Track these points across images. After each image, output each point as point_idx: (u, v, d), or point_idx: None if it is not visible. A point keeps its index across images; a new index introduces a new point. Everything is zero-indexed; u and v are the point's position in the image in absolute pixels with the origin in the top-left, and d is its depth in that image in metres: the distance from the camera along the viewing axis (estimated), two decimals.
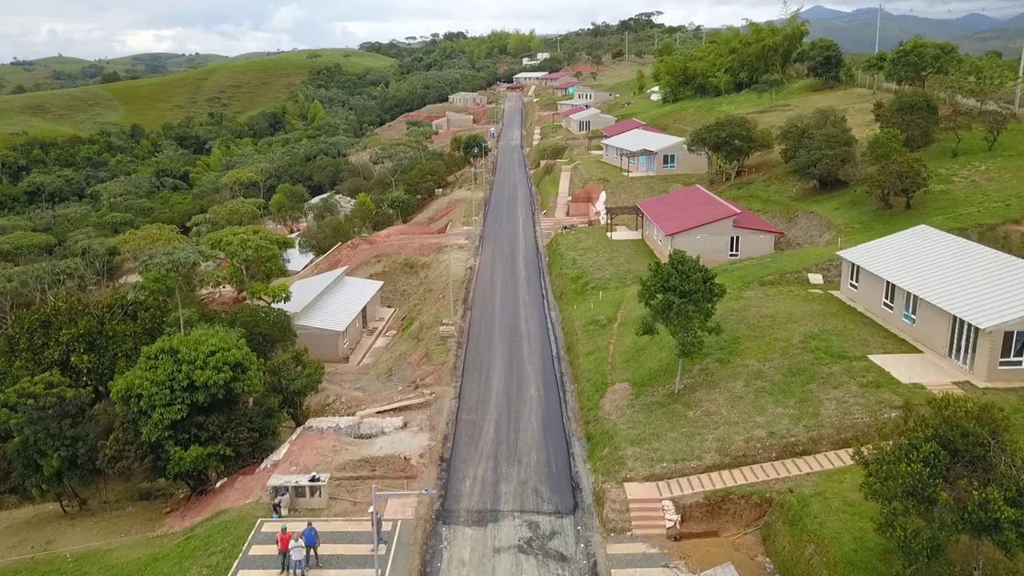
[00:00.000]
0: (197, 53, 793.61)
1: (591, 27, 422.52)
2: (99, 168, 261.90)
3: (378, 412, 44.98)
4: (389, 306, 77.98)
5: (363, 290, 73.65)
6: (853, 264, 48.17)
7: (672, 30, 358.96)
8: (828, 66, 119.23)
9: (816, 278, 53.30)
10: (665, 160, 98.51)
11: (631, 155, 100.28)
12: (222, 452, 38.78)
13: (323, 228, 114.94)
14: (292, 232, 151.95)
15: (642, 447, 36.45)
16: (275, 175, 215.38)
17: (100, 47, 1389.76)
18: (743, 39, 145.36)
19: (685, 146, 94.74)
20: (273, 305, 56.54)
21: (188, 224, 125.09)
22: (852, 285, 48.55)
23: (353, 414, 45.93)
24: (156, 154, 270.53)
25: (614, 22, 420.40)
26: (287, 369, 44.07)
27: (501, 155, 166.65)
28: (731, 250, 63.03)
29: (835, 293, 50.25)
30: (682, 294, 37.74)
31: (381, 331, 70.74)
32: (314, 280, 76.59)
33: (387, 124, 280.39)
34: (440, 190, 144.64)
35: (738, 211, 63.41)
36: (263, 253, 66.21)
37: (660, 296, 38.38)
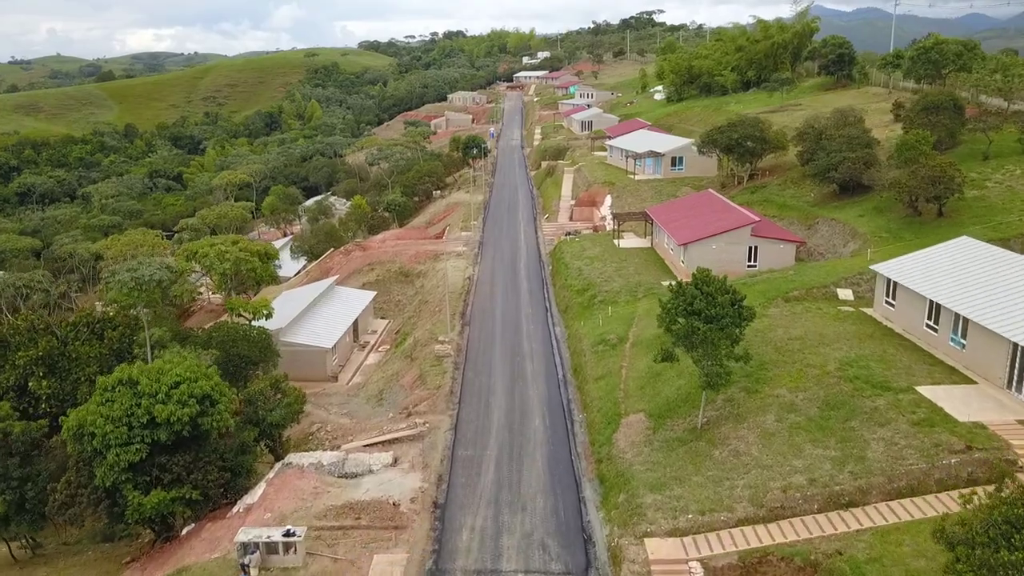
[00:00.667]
0: (196, 52, 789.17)
1: (592, 26, 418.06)
2: (91, 169, 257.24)
3: (365, 445, 40.54)
4: (383, 317, 73.55)
5: (355, 301, 69.23)
6: (889, 280, 43.76)
7: (674, 29, 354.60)
8: (841, 64, 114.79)
9: (846, 294, 48.89)
10: (673, 162, 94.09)
11: (637, 157, 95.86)
12: (188, 496, 34.37)
13: (316, 232, 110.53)
14: (285, 235, 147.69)
15: (663, 494, 32.02)
16: (270, 176, 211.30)
17: (100, 46, 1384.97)
18: (751, 37, 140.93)
19: (694, 148, 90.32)
20: (254, 322, 52.06)
21: (175, 228, 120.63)
22: (888, 303, 44.14)
23: (338, 447, 41.50)
24: (150, 154, 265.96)
25: (615, 21, 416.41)
26: (265, 398, 39.60)
27: (501, 156, 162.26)
28: (749, 261, 58.60)
29: (868, 311, 45.82)
30: (708, 319, 33.30)
31: (373, 345, 66.29)
32: (302, 291, 72.16)
33: (385, 124, 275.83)
34: (438, 192, 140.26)
35: (757, 219, 58.97)
36: (242, 266, 61.62)
37: (682, 321, 33.92)
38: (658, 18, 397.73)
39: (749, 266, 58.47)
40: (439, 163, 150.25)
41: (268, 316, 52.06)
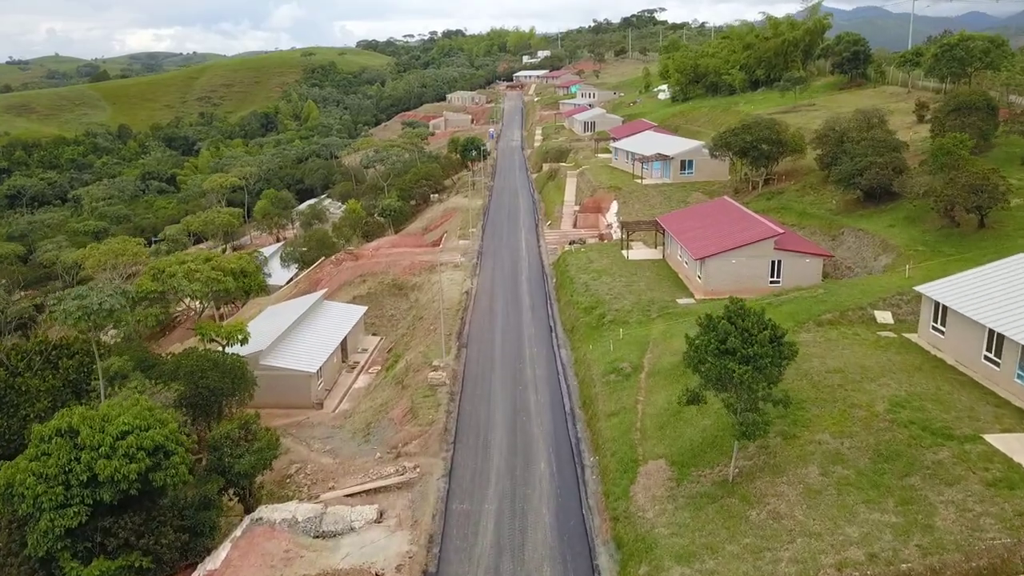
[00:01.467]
0: (195, 52, 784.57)
1: (592, 24, 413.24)
2: (83, 170, 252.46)
3: (347, 495, 35.64)
4: (374, 334, 68.64)
5: (344, 318, 64.31)
6: (938, 303, 38.85)
7: (676, 27, 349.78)
8: (856, 62, 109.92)
9: (884, 316, 43.98)
10: (682, 166, 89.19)
11: (645, 160, 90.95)
12: (137, 564, 29.51)
13: (307, 239, 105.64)
14: (278, 240, 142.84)
15: (692, 567, 27.14)
16: (264, 178, 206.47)
17: (99, 46, 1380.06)
18: (759, 34, 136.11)
19: (706, 150, 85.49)
20: (229, 349, 47.16)
21: (159, 236, 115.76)
22: (936, 329, 39.23)
23: (317, 496, 36.61)
24: (143, 156, 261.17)
25: (615, 20, 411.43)
26: (232, 443, 34.70)
27: (501, 157, 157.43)
28: (772, 276, 53.69)
29: (912, 337, 40.91)
30: (744, 359, 28.40)
31: (364, 366, 61.40)
32: (288, 306, 67.25)
33: (383, 124, 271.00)
34: (436, 196, 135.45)
35: (780, 230, 54.05)
36: (214, 286, 56.62)
37: (713, 361, 29.01)
38: (660, 16, 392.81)
39: (771, 282, 53.57)
40: (437, 165, 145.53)
41: (243, 341, 47.12)
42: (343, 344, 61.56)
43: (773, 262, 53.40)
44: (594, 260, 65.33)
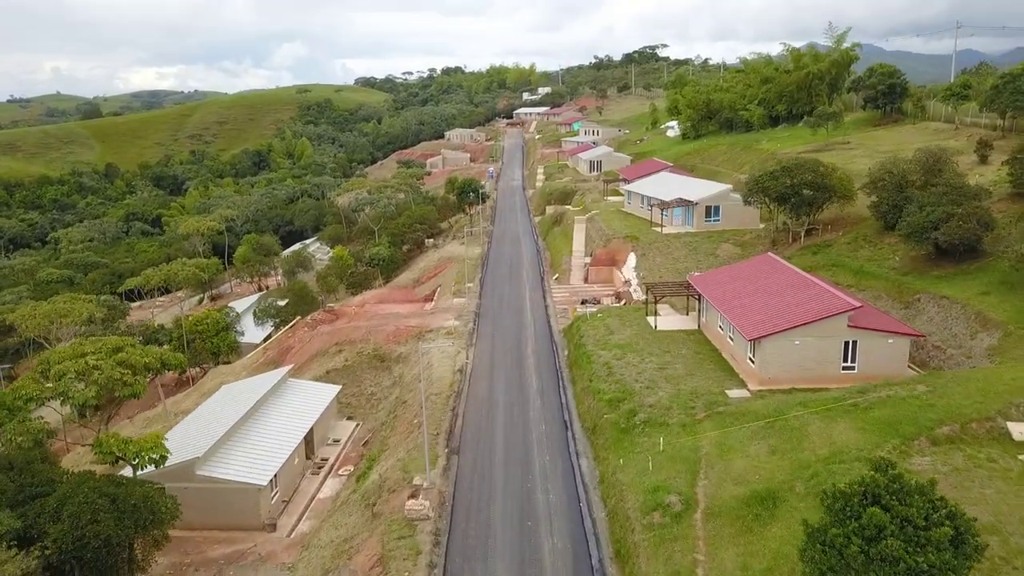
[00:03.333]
0: (196, 90, 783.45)
1: (594, 60, 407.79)
2: (66, 211, 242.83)
3: None
4: (350, 417, 57.21)
5: (312, 402, 52.97)
6: None
7: (679, 63, 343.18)
8: (891, 96, 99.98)
9: (1020, 430, 32.65)
10: (708, 212, 78.55)
11: (664, 206, 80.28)
12: None
13: (286, 292, 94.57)
14: (261, 289, 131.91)
15: None
16: (252, 219, 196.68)
17: (103, 85, 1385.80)
18: (779, 67, 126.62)
19: (736, 196, 75.06)
20: (149, 464, 35.66)
21: (119, 289, 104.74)
22: None
23: None
24: (129, 195, 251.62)
25: (616, 56, 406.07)
26: None
27: (501, 198, 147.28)
28: (845, 361, 42.44)
29: None
30: (912, 571, 17.06)
31: (334, 466, 49.86)
32: (246, 386, 55.82)
33: (379, 162, 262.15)
34: (431, 240, 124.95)
35: (857, 303, 42.89)
36: (116, 389, 45.11)
37: (859, 559, 17.67)
38: (662, 53, 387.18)
39: (845, 369, 42.31)
40: (432, 208, 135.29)
41: (159, 461, 35.63)
42: (309, 436, 50.17)
43: (847, 343, 42.18)
44: (615, 330, 54.09)
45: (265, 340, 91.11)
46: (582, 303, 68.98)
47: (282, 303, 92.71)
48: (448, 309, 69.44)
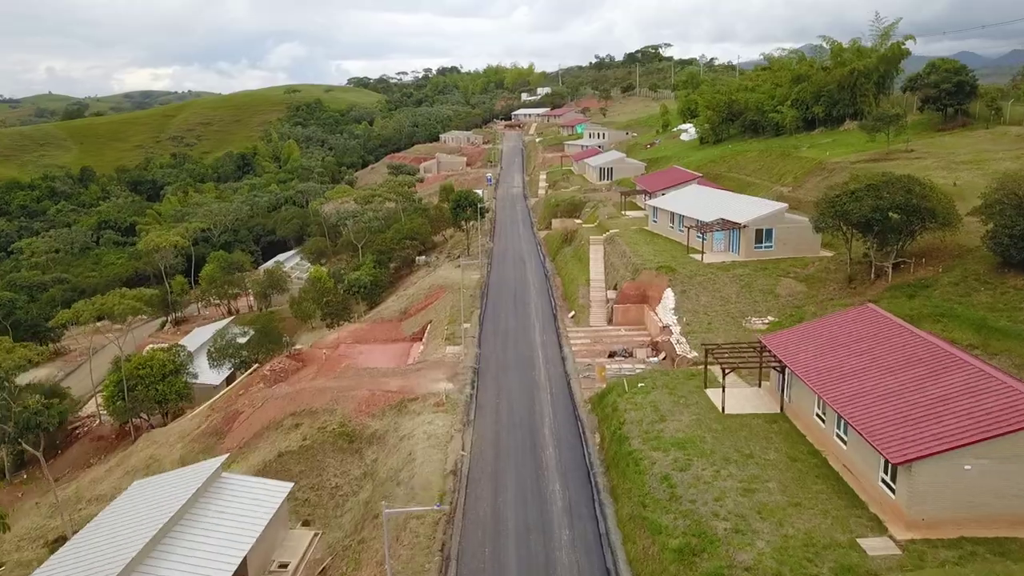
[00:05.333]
0: (190, 91, 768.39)
1: (595, 60, 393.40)
2: (35, 218, 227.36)
3: None
4: (306, 523, 42.51)
5: (250, 512, 38.28)
6: None
7: (684, 63, 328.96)
8: (958, 97, 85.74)
9: None
10: (758, 237, 64.06)
11: (704, 229, 65.78)
12: None
13: (252, 321, 79.77)
14: (231, 313, 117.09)
15: None
16: (232, 228, 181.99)
17: (98, 85, 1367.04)
18: (816, 64, 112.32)
19: (793, 216, 60.78)
20: None
21: (51, 324, 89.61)
22: None
23: None
24: (104, 201, 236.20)
25: (617, 56, 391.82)
26: None
27: (501, 208, 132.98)
28: None
29: None
30: None
31: None
32: (160, 488, 40.99)
33: (370, 166, 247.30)
34: (422, 258, 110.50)
35: None
36: None
37: None
38: (665, 52, 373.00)
39: None
40: (424, 220, 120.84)
41: None
42: (243, 567, 35.55)
43: None
44: (666, 412, 39.47)
45: (228, 382, 76.68)
46: (610, 355, 54.48)
47: (243, 338, 78.15)
48: (439, 364, 54.72)
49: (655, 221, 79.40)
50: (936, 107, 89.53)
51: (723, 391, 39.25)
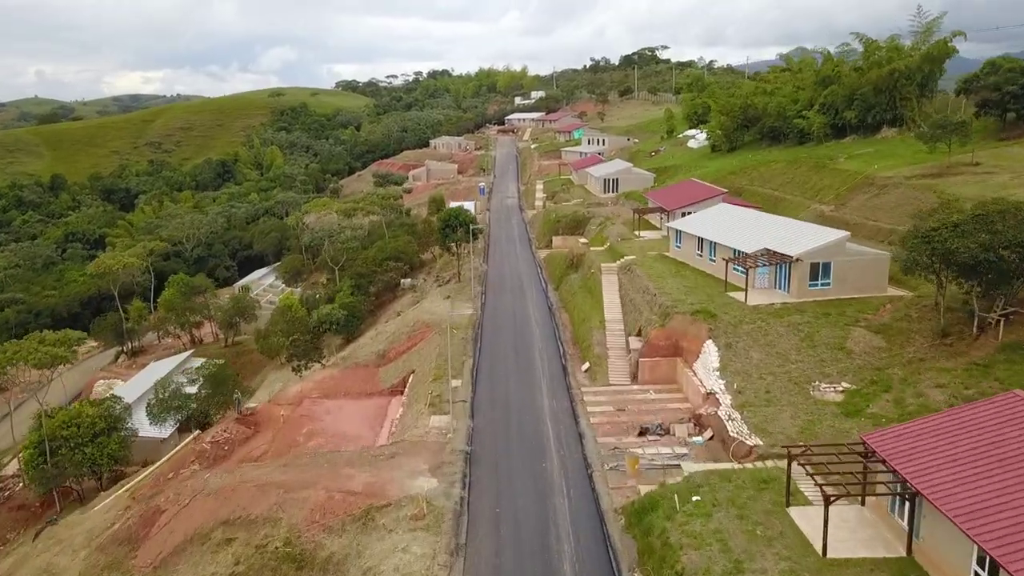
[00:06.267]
0: (178, 94, 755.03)
1: (590, 62, 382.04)
2: (0, 229, 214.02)
3: None
4: None
5: None
6: None
7: (683, 65, 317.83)
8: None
9: None
10: (813, 272, 52.21)
11: (748, 263, 53.87)
12: None
13: (201, 369, 67.30)
14: (194, 343, 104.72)
15: None
16: (206, 242, 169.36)
17: (89, 88, 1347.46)
18: (847, 65, 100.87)
19: (859, 247, 49.07)
20: None
21: None
22: None
23: None
24: (74, 211, 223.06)
25: (613, 59, 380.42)
26: None
27: (495, 222, 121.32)
28: None
29: None
30: None
31: None
32: None
33: (356, 174, 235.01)
34: (407, 281, 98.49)
35: None
36: None
37: None
38: (662, 55, 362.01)
39: None
40: (411, 238, 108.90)
41: None
42: None
43: None
44: (742, 556, 27.42)
45: (182, 431, 64.46)
46: (641, 433, 42.49)
47: (192, 388, 65.88)
48: (419, 447, 42.49)
49: (678, 246, 67.52)
50: (995, 112, 78.08)
51: (825, 527, 27.21)
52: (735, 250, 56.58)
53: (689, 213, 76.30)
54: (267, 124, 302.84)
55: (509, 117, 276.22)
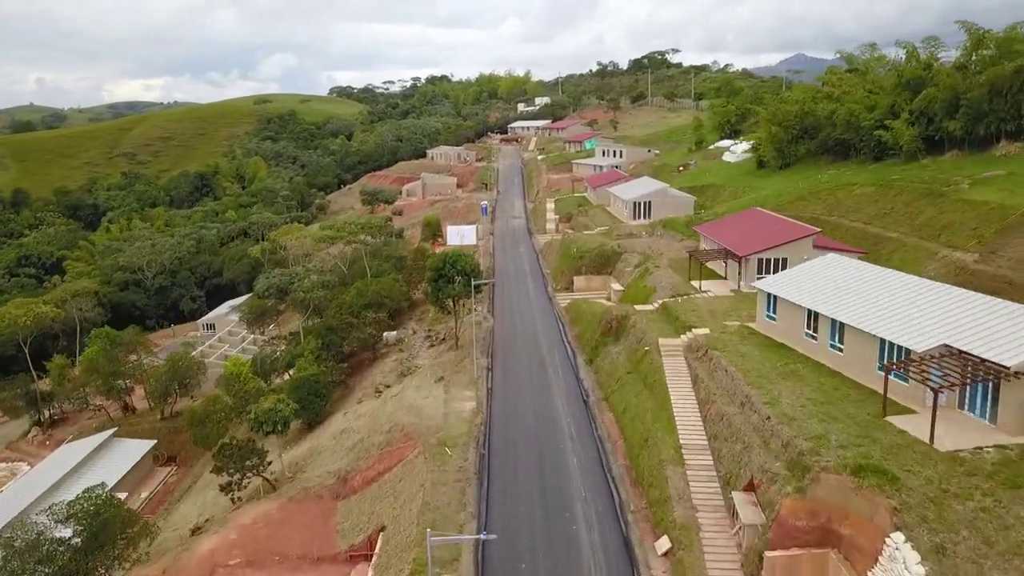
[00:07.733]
0: (175, 101, 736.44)
1: (597, 67, 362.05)
2: None
3: None
4: None
5: None
6: None
7: (697, 69, 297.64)
8: None
9: None
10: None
11: (917, 369, 32.93)
12: None
13: (79, 504, 46.32)
14: (126, 411, 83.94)
15: None
16: (169, 270, 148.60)
17: (88, 96, 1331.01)
18: (932, 63, 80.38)
19: None
20: None
21: None
22: None
23: None
24: (33, 230, 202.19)
25: (621, 63, 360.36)
26: None
27: (500, 249, 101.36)
28: None
29: None
30: None
31: None
32: None
33: (345, 187, 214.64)
34: (392, 335, 78.04)
35: None
36: None
37: None
38: (673, 59, 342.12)
39: None
40: (398, 276, 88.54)
41: None
42: None
43: None
44: None
45: None
46: None
47: (67, 531, 44.85)
48: None
49: (770, 317, 46.65)
50: None
51: None
52: (886, 342, 35.85)
53: (768, 259, 55.74)
54: (252, 133, 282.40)
55: (512, 125, 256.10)
